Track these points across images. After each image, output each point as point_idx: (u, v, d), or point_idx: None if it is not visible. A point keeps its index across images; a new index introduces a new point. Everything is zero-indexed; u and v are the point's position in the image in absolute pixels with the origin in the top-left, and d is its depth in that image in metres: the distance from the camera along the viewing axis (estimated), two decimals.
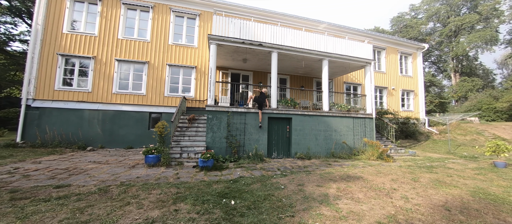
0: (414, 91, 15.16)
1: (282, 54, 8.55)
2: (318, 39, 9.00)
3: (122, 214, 2.74)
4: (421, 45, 15.55)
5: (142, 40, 9.86)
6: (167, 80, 9.94)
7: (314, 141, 8.40)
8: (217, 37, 7.53)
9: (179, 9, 10.38)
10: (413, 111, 15.00)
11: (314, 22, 12.42)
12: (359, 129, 9.27)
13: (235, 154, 7.19)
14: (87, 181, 4.19)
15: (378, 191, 4.07)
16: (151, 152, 5.63)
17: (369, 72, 9.87)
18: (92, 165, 5.67)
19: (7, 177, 4.35)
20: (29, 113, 8.44)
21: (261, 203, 3.29)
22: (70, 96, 8.87)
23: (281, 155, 8.11)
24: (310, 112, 8.47)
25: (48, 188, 3.70)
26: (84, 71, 9.22)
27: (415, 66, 15.50)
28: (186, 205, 3.11)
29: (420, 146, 12.19)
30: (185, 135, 7.46)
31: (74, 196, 3.32)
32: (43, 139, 8.24)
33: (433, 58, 32.70)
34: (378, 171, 5.85)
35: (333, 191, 3.94)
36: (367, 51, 9.84)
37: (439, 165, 7.04)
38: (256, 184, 4.30)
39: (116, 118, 9.19)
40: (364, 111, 10.03)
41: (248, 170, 5.59)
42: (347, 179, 4.83)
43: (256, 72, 11.43)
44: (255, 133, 7.64)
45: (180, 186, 4.00)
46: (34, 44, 8.63)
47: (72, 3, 9.37)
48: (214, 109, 7.28)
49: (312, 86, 12.59)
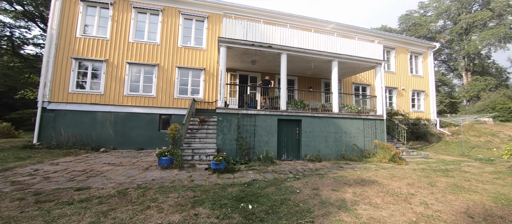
0: (424, 92, 14.83)
1: (291, 55, 8.52)
2: (328, 40, 8.92)
3: (144, 218, 2.79)
4: (432, 44, 15.20)
5: (152, 43, 10.01)
6: (177, 82, 10.06)
7: (324, 143, 8.33)
8: (227, 40, 7.57)
9: (188, 12, 10.49)
10: (424, 111, 14.67)
11: (322, 22, 12.31)
12: (370, 131, 9.14)
13: (245, 156, 7.20)
14: (105, 184, 4.28)
15: (395, 196, 4.00)
16: (164, 154, 5.70)
17: (380, 72, 9.71)
18: (107, 167, 5.79)
19: (29, 179, 4.50)
20: (45, 115, 8.69)
21: (278, 208, 3.29)
22: (84, 99, 9.09)
23: (291, 157, 8.08)
24: (319, 114, 8.40)
25: (69, 190, 3.80)
26: (97, 74, 9.43)
27: (425, 65, 15.16)
28: (205, 209, 3.14)
29: (432, 148, 11.91)
30: (195, 137, 7.53)
31: (95, 199, 3.40)
32: (58, 141, 8.47)
33: (443, 56, 31.91)
34: (392, 174, 5.75)
35: (349, 196, 3.90)
36: (377, 51, 9.69)
37: (455, 168, 6.86)
38: (271, 188, 4.30)
39: (127, 120, 9.36)
40: (374, 112, 9.88)
41: (260, 173, 5.60)
42: (362, 183, 4.77)
43: (264, 73, 11.41)
44: (265, 135, 7.64)
45: (196, 189, 4.04)
46: (49, 48, 8.89)
47: (85, 7, 9.60)
48: (225, 111, 7.31)
49: (320, 87, 12.49)
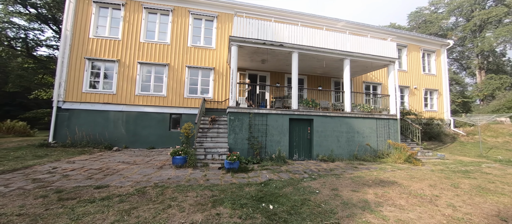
0: (438, 90, 14.40)
1: (303, 54, 8.40)
2: (340, 38, 8.75)
3: (167, 217, 2.77)
4: (445, 41, 14.74)
5: (163, 43, 10.08)
6: (187, 82, 10.10)
7: (336, 143, 8.18)
8: (239, 39, 7.53)
9: (198, 11, 10.51)
10: (437, 111, 14.25)
11: (332, 20, 12.12)
12: (383, 131, 8.92)
13: (257, 155, 7.14)
14: (122, 182, 4.31)
15: (419, 197, 3.86)
16: (178, 153, 5.71)
17: (393, 71, 9.47)
18: (122, 165, 5.85)
19: (49, 176, 4.57)
20: (60, 114, 8.88)
21: (299, 209, 3.21)
22: (97, 98, 9.24)
23: (303, 157, 7.97)
24: (331, 113, 8.25)
25: (89, 188, 3.83)
26: (109, 74, 9.57)
27: (439, 63, 14.71)
28: (226, 209, 3.09)
29: (447, 148, 11.55)
30: (207, 136, 7.52)
31: (115, 197, 3.41)
32: (72, 139, 8.64)
33: (455, 54, 30.98)
34: (410, 175, 5.57)
35: (371, 197, 3.78)
36: (390, 49, 9.45)
37: (475, 170, 6.60)
38: (288, 188, 4.22)
39: (139, 119, 9.46)
40: (387, 111, 9.65)
41: (275, 173, 5.53)
42: (381, 184, 4.63)
43: (273, 73, 11.34)
44: (277, 134, 7.56)
45: (213, 189, 4.01)
46: (63, 49, 9.07)
47: (98, 9, 9.75)
48: (236, 111, 7.27)
49: (330, 86, 12.30)
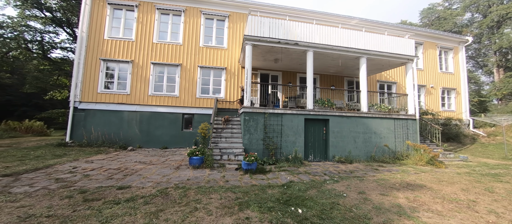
0: (455, 89, 13.83)
1: (318, 52, 8.21)
2: (356, 36, 8.50)
3: (196, 221, 2.68)
4: (463, 38, 14.14)
5: (175, 43, 10.11)
6: (199, 82, 10.08)
7: (353, 143, 7.94)
8: (253, 38, 7.42)
9: (209, 11, 10.49)
10: (455, 111, 13.68)
11: (345, 18, 11.84)
12: (401, 131, 8.60)
13: (272, 156, 7.01)
14: (143, 183, 4.27)
15: (455, 203, 3.62)
16: (195, 154, 5.65)
17: (411, 69, 9.13)
18: (139, 165, 5.84)
19: (71, 176, 4.59)
20: (76, 114, 9.04)
21: (330, 213, 3.06)
22: (111, 98, 9.35)
23: (318, 158, 7.77)
24: (348, 113, 8.02)
25: (112, 189, 3.80)
26: (123, 75, 9.67)
27: (456, 61, 14.13)
28: (254, 213, 2.97)
29: (467, 150, 11.04)
30: (221, 136, 7.45)
31: (140, 199, 3.36)
32: (88, 139, 8.77)
33: (471, 52, 29.80)
34: (437, 179, 5.30)
35: (403, 201, 3.57)
36: (408, 46, 9.11)
37: (505, 173, 6.22)
38: (312, 190, 4.07)
39: (152, 119, 9.51)
40: (405, 111, 9.31)
41: (293, 174, 5.37)
42: (410, 188, 4.40)
43: (285, 72, 11.17)
44: (292, 135, 7.40)
45: (235, 191, 3.90)
46: (80, 50, 9.24)
47: (112, 10, 9.88)
48: (251, 111, 7.17)
49: (343, 85, 12.02)
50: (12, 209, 2.89)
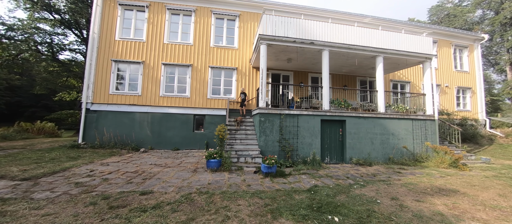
0: (471, 89, 13.42)
1: (333, 52, 8.00)
2: (372, 34, 8.25)
3: None
4: (479, 35, 13.71)
5: (186, 43, 10.01)
6: (210, 82, 9.96)
7: (370, 145, 7.71)
8: (268, 37, 7.25)
9: (220, 11, 10.36)
10: (470, 111, 13.27)
11: (358, 16, 11.57)
12: (419, 133, 8.32)
13: (289, 158, 6.83)
14: (164, 187, 4.14)
15: (498, 210, 3.39)
16: (213, 156, 5.51)
17: (429, 68, 8.85)
18: (155, 168, 5.73)
19: (89, 180, 4.50)
20: (88, 116, 9.01)
21: (368, 222, 2.87)
22: (123, 100, 9.30)
23: (334, 160, 7.56)
24: (365, 114, 7.78)
25: (135, 194, 3.68)
26: (134, 76, 9.60)
27: (471, 60, 13.71)
28: (288, 221, 2.81)
29: (486, 151, 10.67)
30: (235, 138, 7.30)
31: (166, 206, 3.22)
32: (101, 140, 8.73)
33: (482, 49, 29.01)
34: (467, 183, 5.05)
35: (443, 209, 3.36)
36: (426, 45, 8.82)
37: None
38: (341, 196, 3.88)
39: (163, 120, 9.42)
40: (423, 112, 9.02)
41: (315, 178, 5.19)
42: (443, 193, 4.17)
43: (296, 72, 10.97)
44: (308, 136, 7.21)
45: (261, 196, 3.74)
46: (91, 51, 9.21)
47: (123, 11, 9.83)
48: (267, 112, 7.00)
49: (356, 85, 11.76)
50: (37, 217, 2.78)
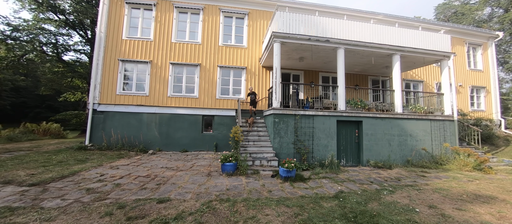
0: (485, 88, 13.02)
1: (349, 50, 7.69)
2: (389, 32, 7.95)
3: None
4: (493, 33, 13.30)
5: (194, 42, 9.77)
6: (218, 82, 9.70)
7: (388, 147, 7.40)
8: (282, 35, 6.98)
9: (228, 9, 10.10)
10: (485, 111, 12.88)
11: (369, 13, 11.24)
12: (438, 134, 7.99)
13: (305, 161, 6.55)
14: (181, 194, 3.88)
15: None
16: (228, 160, 5.25)
17: (447, 67, 8.51)
18: (167, 172, 5.48)
19: (101, 186, 4.26)
20: (95, 116, 8.80)
21: None
22: (130, 100, 9.08)
23: (351, 163, 7.26)
24: (382, 115, 7.48)
25: (152, 202, 3.42)
26: (142, 76, 9.38)
27: (485, 58, 13.32)
28: None
29: (504, 153, 10.27)
30: (249, 140, 7.03)
31: (188, 216, 2.96)
32: (108, 142, 8.51)
33: None
34: (501, 187, 4.73)
35: (489, 219, 3.06)
36: (444, 42, 8.49)
37: None
38: (372, 203, 3.59)
39: (172, 121, 9.19)
40: (441, 112, 8.69)
41: (337, 182, 4.90)
42: (481, 200, 3.86)
43: (307, 71, 10.68)
44: (324, 138, 6.92)
45: (287, 204, 3.46)
46: (98, 51, 9.00)
47: (130, 10, 9.62)
48: (281, 112, 6.72)
49: (367, 84, 11.43)
50: None
